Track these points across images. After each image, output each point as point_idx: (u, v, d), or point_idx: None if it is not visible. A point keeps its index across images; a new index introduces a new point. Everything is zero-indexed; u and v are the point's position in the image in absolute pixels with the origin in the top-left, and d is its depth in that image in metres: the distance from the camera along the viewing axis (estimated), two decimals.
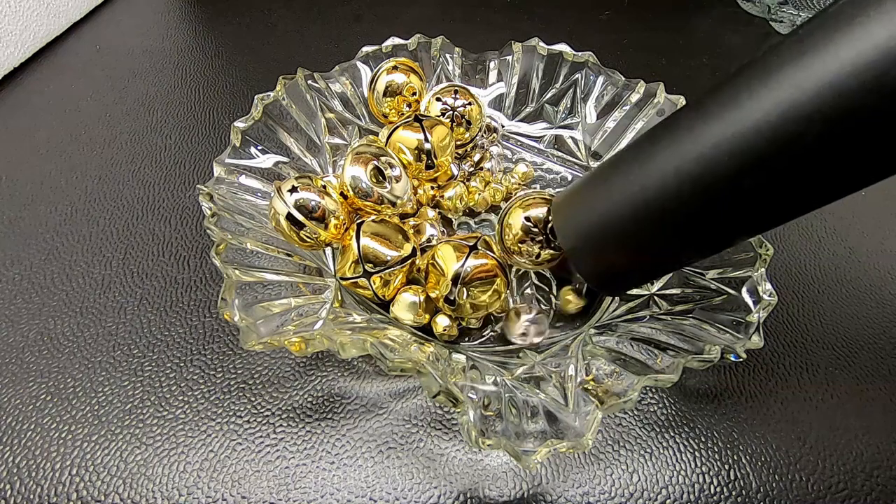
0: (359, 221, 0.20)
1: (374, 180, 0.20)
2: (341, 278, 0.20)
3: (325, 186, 0.20)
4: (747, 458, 0.19)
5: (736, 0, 0.42)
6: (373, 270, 0.19)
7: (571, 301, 0.21)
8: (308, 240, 0.19)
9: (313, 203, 0.19)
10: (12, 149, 0.28)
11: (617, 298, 0.22)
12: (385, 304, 0.20)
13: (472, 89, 0.25)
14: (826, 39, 0.12)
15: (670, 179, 0.15)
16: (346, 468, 0.18)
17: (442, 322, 0.20)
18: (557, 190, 0.26)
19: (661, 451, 0.19)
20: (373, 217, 0.20)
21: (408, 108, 0.25)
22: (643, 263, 0.17)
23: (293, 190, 0.19)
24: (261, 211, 0.21)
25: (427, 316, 0.20)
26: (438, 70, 0.27)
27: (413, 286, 0.20)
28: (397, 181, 0.20)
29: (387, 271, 0.19)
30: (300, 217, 0.19)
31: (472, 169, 0.26)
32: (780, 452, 0.19)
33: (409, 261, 0.20)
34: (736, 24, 0.40)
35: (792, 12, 0.38)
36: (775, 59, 0.13)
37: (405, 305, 0.20)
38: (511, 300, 0.22)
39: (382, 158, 0.20)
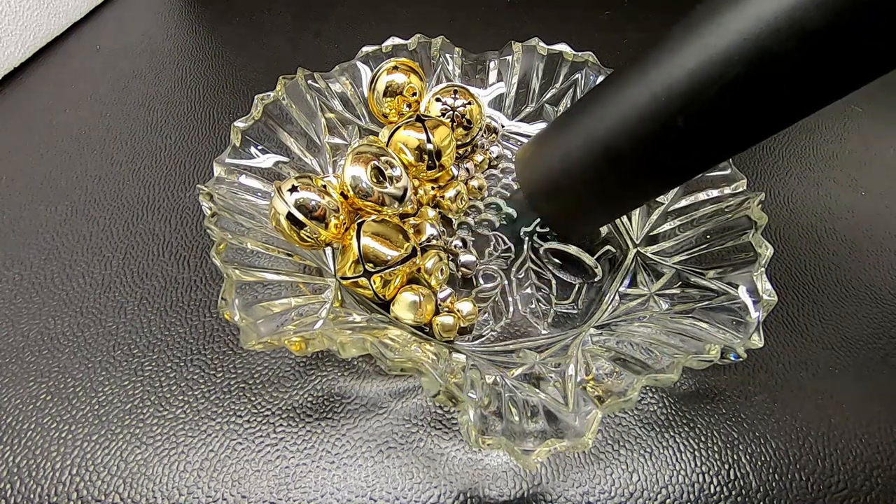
0: (359, 221, 0.20)
1: (375, 180, 0.20)
2: (342, 278, 0.20)
3: (325, 186, 0.20)
4: (747, 458, 0.19)
5: None
6: (373, 270, 0.19)
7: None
8: (308, 239, 0.19)
9: (313, 203, 0.19)
10: (12, 149, 0.28)
11: (617, 297, 0.22)
12: (385, 304, 0.20)
13: (472, 89, 0.25)
14: None
15: (614, 125, 0.16)
16: (346, 468, 0.18)
17: (442, 322, 0.20)
18: None
19: (661, 451, 0.19)
20: (373, 217, 0.20)
21: (408, 108, 0.25)
22: (593, 205, 0.19)
23: (293, 189, 0.19)
24: (261, 211, 0.21)
25: (428, 315, 0.20)
26: (438, 70, 0.27)
27: (413, 285, 0.20)
28: (398, 181, 0.20)
29: (387, 271, 0.19)
30: (300, 216, 0.19)
31: (473, 170, 0.26)
32: (780, 452, 0.19)
33: (410, 260, 0.20)
34: None
35: None
36: (702, 10, 0.14)
37: (406, 305, 0.20)
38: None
39: (382, 158, 0.20)
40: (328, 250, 0.22)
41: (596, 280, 0.23)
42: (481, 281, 0.23)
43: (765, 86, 0.13)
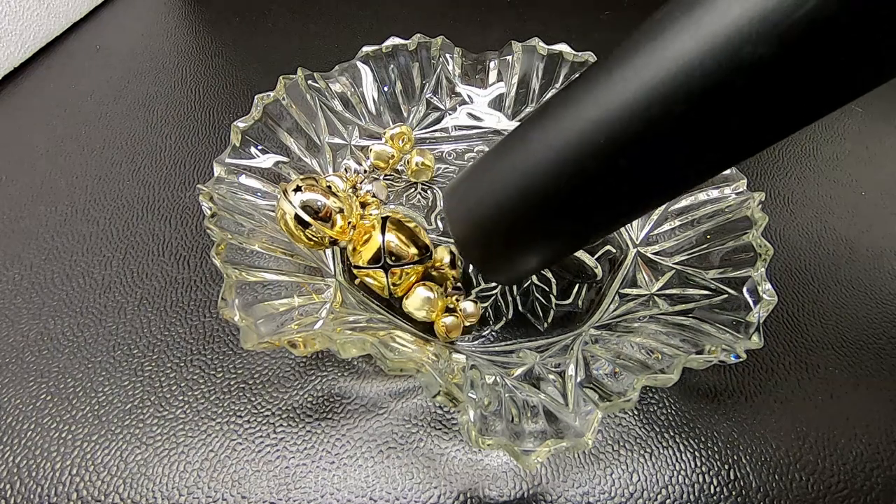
0: (384, 216, 0.20)
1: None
2: (356, 267, 0.20)
3: (329, 186, 0.20)
4: (747, 458, 0.19)
5: None
6: (392, 264, 0.19)
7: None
8: (314, 239, 0.19)
9: (319, 203, 0.19)
10: (12, 149, 0.28)
11: (617, 297, 0.22)
12: (387, 302, 0.21)
13: (472, 89, 0.25)
14: (684, 18, 0.11)
15: (547, 164, 0.14)
16: (346, 468, 0.18)
17: (447, 322, 0.20)
18: None
19: (661, 451, 0.19)
20: (398, 216, 0.20)
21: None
22: (527, 252, 0.17)
23: (298, 189, 0.19)
24: (261, 211, 0.21)
25: (438, 312, 0.20)
26: (438, 70, 0.27)
27: (427, 282, 0.20)
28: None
29: (404, 267, 0.19)
30: (306, 217, 0.19)
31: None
32: (780, 452, 0.19)
33: (427, 260, 0.20)
34: None
35: None
36: (638, 38, 0.13)
37: (419, 300, 0.20)
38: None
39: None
40: (328, 251, 0.22)
41: (596, 280, 0.23)
42: (481, 281, 0.23)
43: (711, 122, 0.12)
